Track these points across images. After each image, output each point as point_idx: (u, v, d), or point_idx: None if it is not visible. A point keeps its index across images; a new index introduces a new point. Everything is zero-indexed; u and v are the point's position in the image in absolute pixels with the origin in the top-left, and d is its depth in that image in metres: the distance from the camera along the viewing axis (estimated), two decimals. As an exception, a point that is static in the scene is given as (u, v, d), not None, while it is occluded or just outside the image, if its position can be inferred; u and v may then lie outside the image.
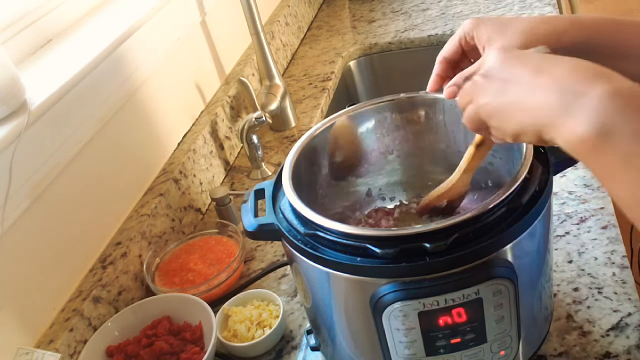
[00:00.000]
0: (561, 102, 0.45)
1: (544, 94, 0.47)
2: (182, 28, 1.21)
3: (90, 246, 0.93)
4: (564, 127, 0.45)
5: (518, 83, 0.50)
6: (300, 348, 0.84)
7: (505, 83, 0.51)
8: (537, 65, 0.50)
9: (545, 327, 0.73)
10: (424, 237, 0.57)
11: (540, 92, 0.48)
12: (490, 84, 0.53)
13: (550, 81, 0.47)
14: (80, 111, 0.91)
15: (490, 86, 0.53)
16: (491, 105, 0.53)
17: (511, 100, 0.51)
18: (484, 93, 0.54)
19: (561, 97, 0.46)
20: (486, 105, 0.53)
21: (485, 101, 0.53)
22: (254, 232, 0.68)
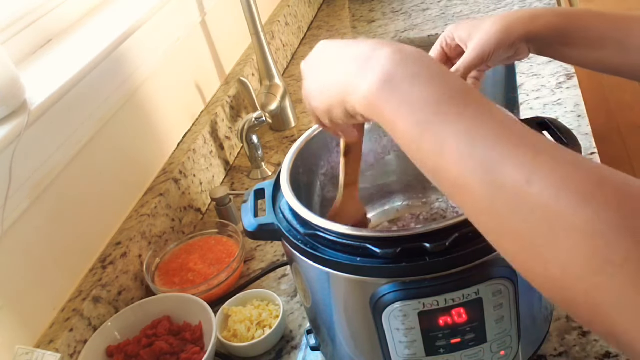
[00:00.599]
0: (356, 68, 0.48)
1: (346, 63, 0.50)
2: (182, 28, 1.21)
3: (90, 246, 0.93)
4: (357, 89, 0.48)
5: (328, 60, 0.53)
6: (300, 348, 0.84)
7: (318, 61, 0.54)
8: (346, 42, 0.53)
9: (545, 327, 0.72)
10: (424, 237, 0.57)
11: (343, 62, 0.50)
12: (308, 67, 0.56)
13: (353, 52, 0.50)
14: (80, 111, 0.91)
15: (308, 69, 0.56)
16: (310, 87, 0.55)
17: (321, 76, 0.54)
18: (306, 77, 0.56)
19: (356, 64, 0.48)
20: (307, 90, 0.56)
21: (307, 86, 0.56)
22: (254, 232, 0.68)
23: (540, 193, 0.37)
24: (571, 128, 0.69)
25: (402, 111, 0.44)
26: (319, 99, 0.54)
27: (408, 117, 0.44)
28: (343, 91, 0.50)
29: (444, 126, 0.42)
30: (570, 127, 0.73)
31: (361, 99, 0.47)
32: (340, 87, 0.50)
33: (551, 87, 1.22)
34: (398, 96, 0.45)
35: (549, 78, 1.24)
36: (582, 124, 1.09)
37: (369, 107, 0.47)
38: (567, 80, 1.23)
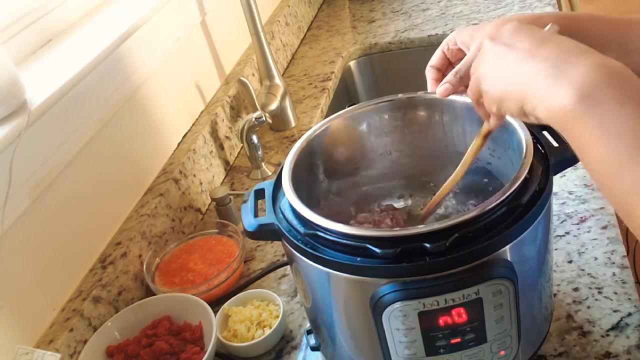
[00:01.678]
0: (550, 70, 0.46)
1: (538, 62, 0.47)
2: (182, 28, 1.21)
3: (90, 246, 0.93)
4: (547, 95, 0.45)
5: (519, 50, 0.50)
6: (300, 348, 0.84)
7: (507, 48, 0.52)
8: (542, 37, 0.50)
9: (545, 327, 0.73)
10: (424, 237, 0.57)
11: (535, 60, 0.48)
12: (495, 48, 0.53)
13: (547, 52, 0.47)
14: (80, 111, 0.91)
15: (494, 50, 0.53)
16: (488, 69, 0.54)
17: (506, 64, 0.51)
18: (486, 57, 0.54)
19: (551, 66, 0.46)
20: (484, 70, 0.54)
21: (485, 67, 0.54)
22: (254, 232, 0.68)
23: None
24: (571, 128, 0.69)
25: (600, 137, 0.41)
26: (495, 85, 0.52)
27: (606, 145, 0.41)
28: (528, 90, 0.47)
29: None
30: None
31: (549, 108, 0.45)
32: (525, 84, 0.48)
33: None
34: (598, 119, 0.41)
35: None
36: (582, 124, 1.09)
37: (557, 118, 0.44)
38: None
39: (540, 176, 0.62)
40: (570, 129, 0.44)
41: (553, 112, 0.45)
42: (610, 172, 0.41)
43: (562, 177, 0.99)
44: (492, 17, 1.59)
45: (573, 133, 0.44)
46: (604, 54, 0.67)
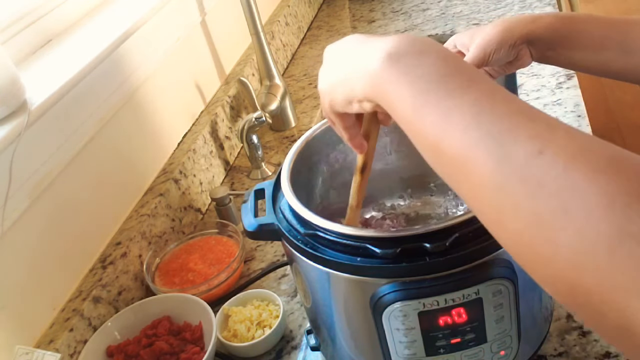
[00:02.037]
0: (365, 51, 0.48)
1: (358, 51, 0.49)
2: (182, 28, 1.21)
3: (90, 246, 0.93)
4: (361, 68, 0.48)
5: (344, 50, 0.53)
6: (300, 348, 0.84)
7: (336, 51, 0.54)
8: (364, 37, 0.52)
9: (545, 327, 0.73)
10: (424, 238, 0.57)
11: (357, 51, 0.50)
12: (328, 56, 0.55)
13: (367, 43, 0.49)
14: (80, 111, 0.91)
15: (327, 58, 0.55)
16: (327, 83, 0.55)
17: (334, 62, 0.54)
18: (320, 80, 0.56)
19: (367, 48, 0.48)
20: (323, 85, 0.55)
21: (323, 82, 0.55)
22: (254, 232, 0.68)
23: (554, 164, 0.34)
24: (571, 128, 0.69)
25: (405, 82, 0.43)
26: (324, 80, 0.54)
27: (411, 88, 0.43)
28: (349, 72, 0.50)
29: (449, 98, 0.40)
30: (570, 127, 0.73)
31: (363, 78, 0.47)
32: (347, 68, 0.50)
33: (551, 87, 1.22)
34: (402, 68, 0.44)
35: (549, 78, 1.24)
36: (582, 124, 1.09)
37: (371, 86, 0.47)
38: (567, 80, 1.23)
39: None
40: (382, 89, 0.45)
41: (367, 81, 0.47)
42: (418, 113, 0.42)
43: (562, 177, 0.99)
44: (492, 17, 1.59)
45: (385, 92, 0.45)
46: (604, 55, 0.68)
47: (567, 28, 0.69)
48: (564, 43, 0.69)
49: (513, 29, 0.69)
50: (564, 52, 0.70)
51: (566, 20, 0.69)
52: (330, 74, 0.54)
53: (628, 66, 0.67)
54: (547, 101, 1.18)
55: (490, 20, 1.57)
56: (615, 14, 3.40)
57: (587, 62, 0.70)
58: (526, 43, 0.70)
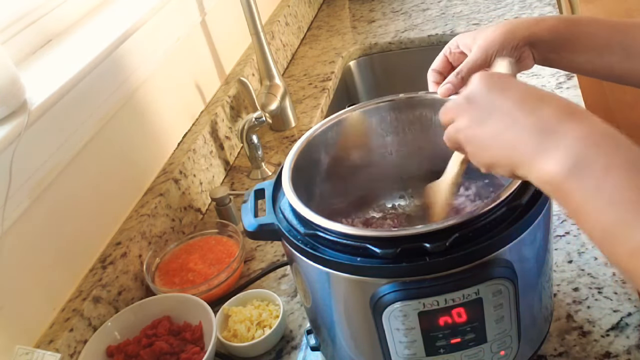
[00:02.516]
0: (537, 142, 0.46)
1: (522, 132, 0.48)
2: (182, 28, 1.21)
3: (90, 246, 0.93)
4: (538, 166, 0.46)
5: (499, 115, 0.50)
6: (300, 348, 0.84)
7: (486, 112, 0.52)
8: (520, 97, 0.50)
9: (545, 327, 0.73)
10: (424, 237, 0.57)
11: (518, 129, 0.48)
12: (472, 109, 0.53)
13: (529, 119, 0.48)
14: (80, 111, 0.91)
15: (471, 111, 0.53)
16: (470, 132, 0.53)
17: (489, 132, 0.51)
18: (465, 116, 0.54)
19: (537, 137, 0.46)
20: (466, 130, 0.54)
21: (465, 125, 0.54)
22: (254, 232, 0.68)
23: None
24: (571, 128, 0.69)
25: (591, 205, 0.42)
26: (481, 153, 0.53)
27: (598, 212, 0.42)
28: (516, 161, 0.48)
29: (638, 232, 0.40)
30: (570, 127, 0.73)
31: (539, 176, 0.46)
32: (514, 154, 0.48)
33: (551, 87, 1.22)
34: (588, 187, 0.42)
35: (549, 78, 1.24)
36: (582, 124, 1.09)
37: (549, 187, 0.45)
38: (567, 80, 1.23)
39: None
40: (563, 198, 0.45)
41: (544, 182, 0.46)
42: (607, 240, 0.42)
43: (562, 177, 0.99)
44: (492, 17, 1.59)
45: (566, 202, 0.45)
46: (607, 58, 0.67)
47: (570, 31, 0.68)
48: (567, 46, 0.69)
49: (516, 31, 0.69)
50: (566, 54, 0.69)
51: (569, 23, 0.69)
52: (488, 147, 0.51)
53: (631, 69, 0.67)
54: (547, 101, 1.18)
55: (490, 20, 1.57)
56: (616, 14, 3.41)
57: (590, 65, 0.69)
58: (529, 45, 0.70)
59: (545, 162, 0.45)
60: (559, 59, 0.71)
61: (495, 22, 1.56)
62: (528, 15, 1.55)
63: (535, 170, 0.46)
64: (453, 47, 0.75)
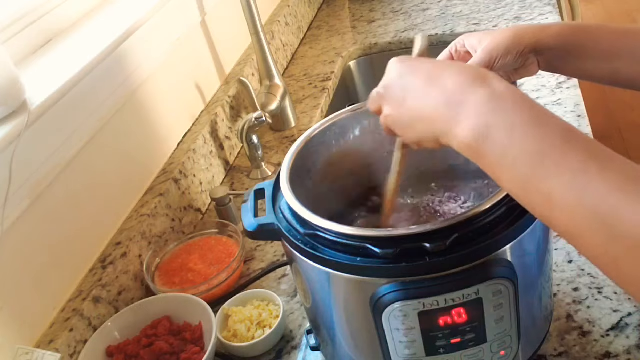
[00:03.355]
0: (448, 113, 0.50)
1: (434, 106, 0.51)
2: (182, 28, 1.21)
3: (90, 246, 0.93)
4: (453, 135, 0.49)
5: (413, 95, 0.54)
6: (300, 348, 0.84)
7: (402, 94, 0.56)
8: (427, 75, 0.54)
9: (545, 327, 0.73)
10: (424, 237, 0.57)
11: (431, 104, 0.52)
12: (390, 94, 0.57)
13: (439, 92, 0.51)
14: (80, 111, 0.91)
15: (390, 97, 0.57)
16: (394, 116, 0.57)
17: (408, 112, 0.55)
18: (386, 103, 0.58)
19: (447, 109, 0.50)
20: (390, 115, 0.58)
21: (389, 111, 0.58)
22: (254, 232, 0.68)
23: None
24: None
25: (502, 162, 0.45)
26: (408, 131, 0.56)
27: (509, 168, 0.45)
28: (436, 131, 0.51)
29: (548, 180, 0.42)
30: (570, 127, 0.72)
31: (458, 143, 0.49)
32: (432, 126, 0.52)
33: (551, 87, 1.22)
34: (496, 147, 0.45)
35: (549, 78, 1.24)
36: (582, 124, 1.09)
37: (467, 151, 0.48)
38: (567, 80, 1.23)
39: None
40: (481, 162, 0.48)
41: (464, 149, 0.49)
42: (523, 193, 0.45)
43: (562, 177, 0.99)
44: (492, 17, 1.59)
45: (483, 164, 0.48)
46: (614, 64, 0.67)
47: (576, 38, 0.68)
48: (573, 53, 0.69)
49: (522, 37, 0.69)
50: (573, 61, 0.69)
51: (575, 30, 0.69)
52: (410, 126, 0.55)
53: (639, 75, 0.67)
54: (547, 101, 1.18)
55: (490, 21, 1.57)
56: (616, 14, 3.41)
57: (596, 72, 0.69)
58: (534, 52, 0.70)
59: (459, 131, 0.48)
60: (565, 66, 0.71)
61: (495, 22, 1.56)
62: (528, 15, 1.55)
63: (453, 140, 0.50)
64: (459, 46, 0.75)
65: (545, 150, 0.43)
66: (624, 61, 0.67)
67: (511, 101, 0.46)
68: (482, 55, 0.71)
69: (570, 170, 0.41)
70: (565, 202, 0.41)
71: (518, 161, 0.44)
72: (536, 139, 0.44)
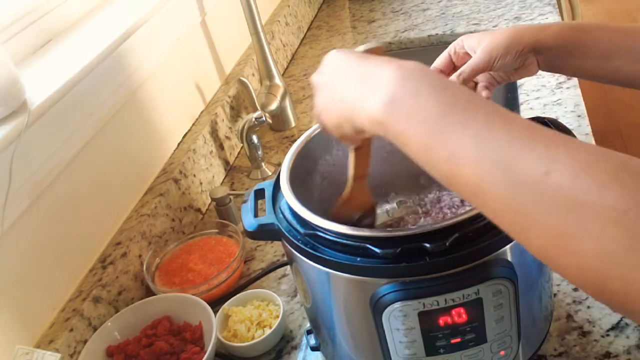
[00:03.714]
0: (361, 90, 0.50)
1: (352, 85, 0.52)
2: (182, 28, 1.21)
3: (90, 246, 0.93)
4: (364, 109, 0.49)
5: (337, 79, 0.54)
6: (300, 348, 0.84)
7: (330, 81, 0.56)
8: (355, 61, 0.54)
9: (545, 327, 0.73)
10: (424, 238, 0.57)
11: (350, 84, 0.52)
12: (321, 83, 0.57)
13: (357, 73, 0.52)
14: (80, 111, 0.91)
15: (320, 85, 0.57)
16: (321, 103, 0.57)
17: (330, 96, 0.55)
18: (318, 92, 0.58)
19: (362, 85, 0.50)
20: (319, 104, 0.58)
21: (318, 100, 0.58)
22: (254, 232, 0.68)
23: (561, 182, 0.36)
24: (571, 128, 0.69)
25: (409, 127, 0.45)
26: (328, 116, 0.56)
27: (415, 131, 0.45)
28: (350, 110, 0.51)
29: (451, 134, 0.43)
30: (570, 127, 0.73)
31: (368, 118, 0.49)
32: (347, 106, 0.52)
33: (551, 87, 1.22)
34: (403, 114, 0.46)
35: (549, 78, 1.24)
36: (582, 124, 1.09)
37: (376, 126, 0.48)
38: (567, 80, 1.23)
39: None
40: (388, 131, 0.48)
41: (373, 122, 0.49)
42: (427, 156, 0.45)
43: (562, 177, 0.99)
44: (492, 17, 1.59)
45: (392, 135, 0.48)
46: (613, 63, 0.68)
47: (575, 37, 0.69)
48: (573, 52, 0.69)
49: (521, 37, 0.69)
50: (572, 61, 0.70)
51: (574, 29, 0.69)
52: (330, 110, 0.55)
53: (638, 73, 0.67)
54: (547, 101, 1.18)
55: (490, 21, 1.57)
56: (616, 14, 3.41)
57: (596, 71, 0.70)
58: (533, 52, 0.70)
59: (369, 105, 0.49)
60: (565, 66, 0.71)
61: (495, 22, 1.56)
62: (528, 15, 1.55)
63: (364, 116, 0.50)
64: (458, 47, 0.75)
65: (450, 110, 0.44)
66: (623, 60, 0.67)
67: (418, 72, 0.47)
68: (481, 55, 0.71)
69: (475, 123, 0.42)
70: (469, 155, 0.41)
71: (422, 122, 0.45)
72: (440, 102, 0.44)
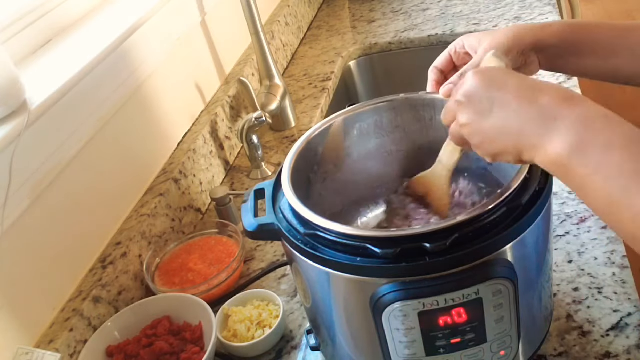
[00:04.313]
0: (540, 128, 0.50)
1: (525, 121, 0.52)
2: (182, 28, 1.21)
3: (90, 246, 0.93)
4: (543, 149, 0.50)
5: (500, 108, 0.54)
6: (300, 348, 0.84)
7: (487, 106, 0.55)
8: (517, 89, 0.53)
9: (545, 327, 0.73)
10: (424, 238, 0.57)
11: (521, 119, 0.52)
12: (473, 105, 0.56)
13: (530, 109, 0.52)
14: (80, 111, 0.91)
15: (472, 107, 0.56)
16: (474, 127, 0.57)
17: (493, 125, 0.55)
18: (466, 113, 0.57)
19: (540, 124, 0.50)
20: (469, 125, 0.57)
21: (467, 121, 0.57)
22: (254, 232, 0.68)
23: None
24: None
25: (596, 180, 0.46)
26: (487, 144, 0.56)
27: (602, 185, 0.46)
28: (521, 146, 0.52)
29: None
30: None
31: (546, 158, 0.50)
32: (520, 141, 0.52)
33: (551, 87, 1.22)
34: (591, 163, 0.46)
35: (549, 78, 1.24)
36: (582, 124, 1.09)
37: (554, 167, 0.49)
38: (567, 80, 1.23)
39: (540, 176, 0.63)
40: (568, 176, 0.49)
41: (549, 163, 0.50)
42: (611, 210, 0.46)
43: (562, 177, 0.99)
44: (492, 17, 1.59)
45: (571, 180, 0.49)
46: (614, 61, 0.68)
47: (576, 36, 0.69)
48: (574, 51, 0.69)
49: (523, 36, 0.69)
50: (573, 59, 0.70)
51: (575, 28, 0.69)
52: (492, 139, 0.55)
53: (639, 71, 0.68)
54: (547, 101, 1.18)
55: (490, 21, 1.58)
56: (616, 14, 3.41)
57: (597, 69, 0.70)
58: (535, 51, 0.70)
59: (549, 145, 0.49)
60: (566, 64, 0.71)
61: (495, 22, 1.56)
62: (528, 15, 1.55)
63: (541, 154, 0.50)
64: (459, 47, 0.75)
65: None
66: (624, 58, 0.68)
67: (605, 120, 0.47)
68: (482, 55, 0.71)
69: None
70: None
71: (611, 179, 0.45)
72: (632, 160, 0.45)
